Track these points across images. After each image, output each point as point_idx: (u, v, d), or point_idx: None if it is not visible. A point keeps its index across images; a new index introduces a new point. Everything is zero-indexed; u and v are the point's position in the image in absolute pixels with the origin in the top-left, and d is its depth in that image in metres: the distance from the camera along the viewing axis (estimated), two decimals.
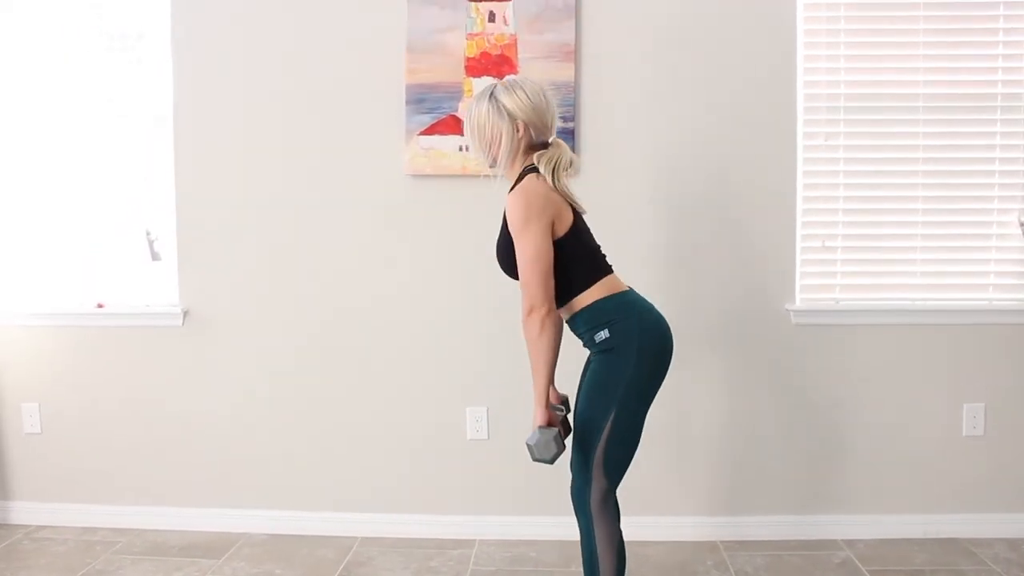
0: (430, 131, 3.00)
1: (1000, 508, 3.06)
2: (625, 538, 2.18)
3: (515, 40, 2.97)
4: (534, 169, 2.12)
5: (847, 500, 3.08)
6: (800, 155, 3.01)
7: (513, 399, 2.94)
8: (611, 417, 2.07)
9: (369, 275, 3.10)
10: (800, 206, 3.02)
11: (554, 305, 2.09)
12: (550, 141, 2.17)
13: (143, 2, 3.12)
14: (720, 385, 3.08)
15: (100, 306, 3.20)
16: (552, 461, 2.10)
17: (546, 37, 2.96)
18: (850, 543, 3.00)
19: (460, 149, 2.99)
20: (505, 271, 2.22)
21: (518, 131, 2.12)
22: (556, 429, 2.10)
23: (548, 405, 2.11)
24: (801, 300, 3.05)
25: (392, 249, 3.09)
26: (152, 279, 3.19)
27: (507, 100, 2.12)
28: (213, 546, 3.03)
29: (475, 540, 3.08)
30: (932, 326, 3.03)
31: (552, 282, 2.08)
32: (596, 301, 2.12)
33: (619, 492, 2.17)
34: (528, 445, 2.10)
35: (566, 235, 2.11)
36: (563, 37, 2.95)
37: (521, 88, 2.13)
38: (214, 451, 3.17)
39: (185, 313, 3.14)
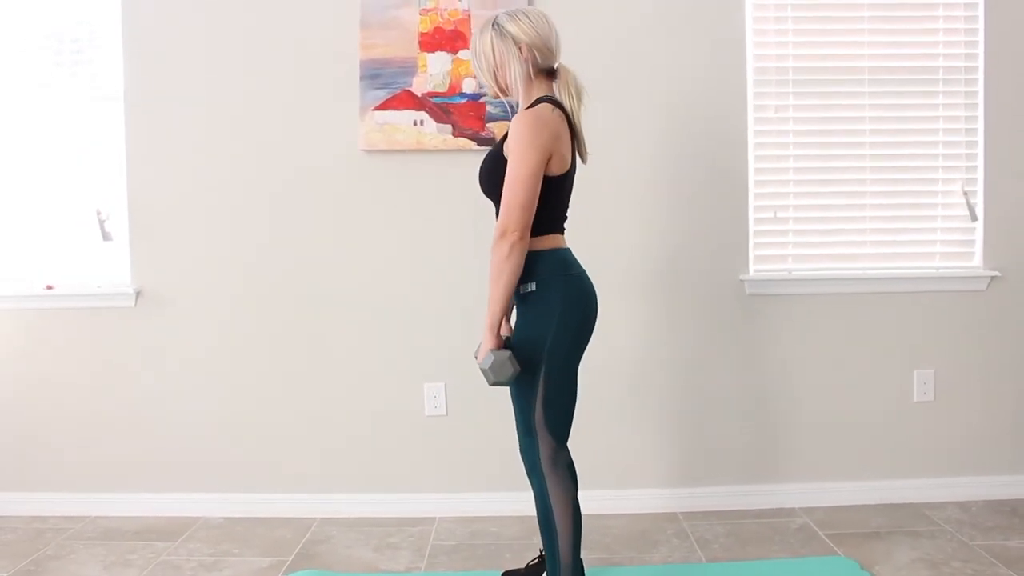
0: (384, 106, 2.99)
1: (951, 472, 3.12)
2: (585, 512, 2.18)
3: (468, 15, 2.99)
4: (548, 100, 2.10)
5: (803, 469, 3.12)
6: (751, 127, 3.06)
7: (472, 374, 2.91)
8: (541, 376, 2.06)
9: (324, 252, 3.08)
10: (752, 177, 3.07)
11: (528, 234, 2.03)
12: (556, 66, 2.16)
13: None
14: (676, 357, 3.10)
15: (50, 288, 3.13)
16: (508, 383, 2.06)
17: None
18: (808, 511, 3.04)
19: (415, 124, 3.00)
20: (485, 191, 2.19)
21: (523, 55, 2.10)
22: (508, 351, 2.05)
23: (499, 333, 2.08)
24: (755, 270, 3.09)
25: (347, 225, 3.08)
26: (103, 260, 3.13)
27: (511, 26, 2.11)
28: (168, 530, 2.97)
29: (435, 517, 3.06)
30: (882, 294, 3.09)
31: (533, 211, 2.03)
32: (538, 251, 2.09)
33: (578, 466, 2.18)
34: (483, 370, 2.05)
35: (556, 178, 2.08)
36: None
37: (524, 14, 2.13)
38: (167, 435, 3.12)
39: (137, 294, 3.09)
